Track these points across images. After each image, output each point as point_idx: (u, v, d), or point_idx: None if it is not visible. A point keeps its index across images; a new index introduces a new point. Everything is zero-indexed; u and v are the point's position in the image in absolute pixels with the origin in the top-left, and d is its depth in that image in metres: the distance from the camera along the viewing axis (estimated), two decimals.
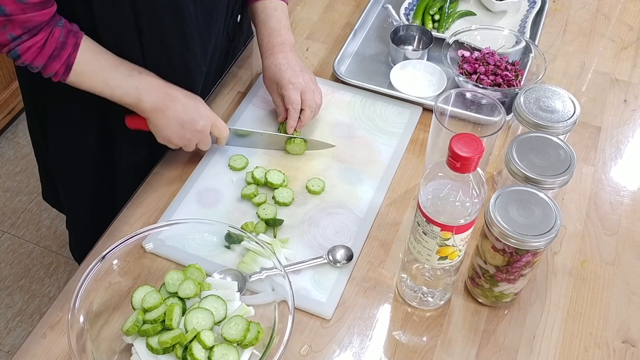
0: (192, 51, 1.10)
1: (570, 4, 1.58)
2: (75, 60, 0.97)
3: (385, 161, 1.18)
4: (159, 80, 1.06)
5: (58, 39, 0.95)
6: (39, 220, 2.20)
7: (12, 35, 0.92)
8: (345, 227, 1.07)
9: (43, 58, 0.95)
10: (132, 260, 0.99)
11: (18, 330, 1.93)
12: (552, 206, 0.88)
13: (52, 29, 0.95)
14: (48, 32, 0.94)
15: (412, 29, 1.41)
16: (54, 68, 0.96)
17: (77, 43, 0.97)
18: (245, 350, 0.88)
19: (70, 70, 0.97)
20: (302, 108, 1.16)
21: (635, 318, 0.99)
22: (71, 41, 0.96)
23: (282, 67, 1.16)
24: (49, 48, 0.95)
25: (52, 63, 0.96)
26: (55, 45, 0.95)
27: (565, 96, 1.05)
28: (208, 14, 1.09)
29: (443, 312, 0.99)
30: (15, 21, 0.90)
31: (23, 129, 2.45)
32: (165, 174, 1.16)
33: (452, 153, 0.77)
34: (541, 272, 1.04)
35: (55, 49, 0.95)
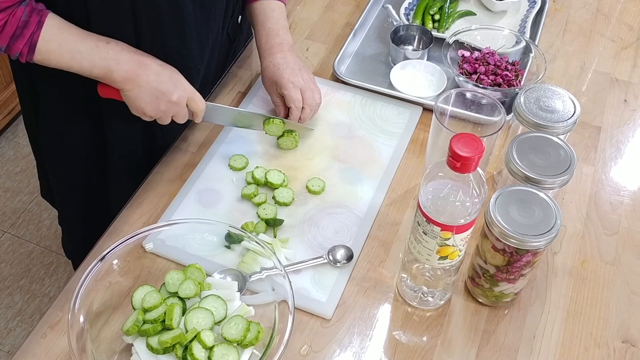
0: (190, 50, 1.10)
1: (570, 4, 1.58)
2: (39, 38, 0.94)
3: (385, 161, 1.18)
4: (130, 49, 1.02)
5: (20, 18, 0.93)
6: (39, 220, 2.20)
7: None
8: (346, 227, 1.07)
9: (5, 38, 0.93)
10: (132, 260, 0.99)
11: (18, 330, 1.93)
12: (552, 206, 0.88)
13: (15, 10, 0.93)
14: (9, 13, 0.92)
15: (412, 28, 1.41)
16: (18, 47, 0.94)
17: (40, 21, 0.94)
18: (245, 350, 0.88)
19: (35, 49, 0.95)
20: (302, 106, 1.16)
21: (635, 318, 0.99)
22: (34, 19, 0.94)
23: (281, 67, 1.16)
24: (10, 28, 0.92)
25: (14, 43, 0.94)
26: (17, 24, 0.93)
27: (565, 96, 1.05)
28: (207, 14, 1.09)
29: (443, 312, 0.99)
30: None
31: (23, 129, 2.45)
32: (165, 174, 1.16)
33: (452, 153, 0.77)
34: (541, 272, 1.04)
35: (17, 29, 0.93)
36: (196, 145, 1.21)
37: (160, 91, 1.03)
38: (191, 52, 1.10)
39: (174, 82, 1.05)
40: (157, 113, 1.06)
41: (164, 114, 1.06)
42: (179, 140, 1.21)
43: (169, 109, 1.06)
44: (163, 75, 1.04)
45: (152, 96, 1.03)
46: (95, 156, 1.23)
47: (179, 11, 1.03)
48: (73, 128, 1.18)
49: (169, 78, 1.04)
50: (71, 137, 1.19)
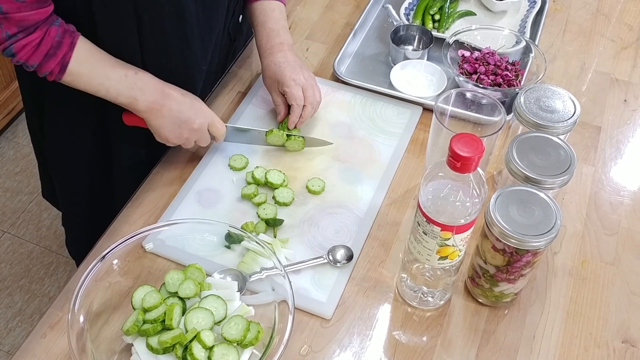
0: (192, 50, 1.10)
1: (570, 4, 1.58)
2: (71, 60, 0.97)
3: (385, 161, 1.18)
4: (155, 80, 1.06)
5: (54, 37, 0.95)
6: (39, 220, 2.20)
7: (8, 34, 0.92)
8: (345, 227, 1.07)
9: (38, 57, 0.95)
10: (132, 260, 0.99)
11: (18, 330, 1.93)
12: (552, 206, 0.88)
13: (48, 28, 0.95)
14: (44, 31, 0.94)
15: (412, 28, 1.41)
16: (49, 67, 0.96)
17: (73, 42, 0.97)
18: (245, 350, 0.88)
19: (66, 69, 0.97)
20: (303, 104, 1.16)
21: (635, 318, 0.99)
22: (67, 40, 0.96)
23: (282, 65, 1.16)
24: (44, 47, 0.95)
25: (47, 62, 0.96)
26: (51, 44, 0.95)
27: (565, 96, 1.05)
28: (209, 14, 1.09)
29: (443, 312, 0.99)
30: (11, 19, 0.90)
31: (23, 129, 2.45)
32: (165, 174, 1.16)
33: (453, 153, 0.77)
34: (541, 272, 1.04)
35: (51, 48, 0.95)
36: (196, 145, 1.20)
37: (182, 120, 1.07)
38: (194, 51, 1.11)
39: (195, 110, 1.08)
40: (180, 140, 1.09)
41: (187, 140, 1.10)
42: None
43: (191, 136, 1.09)
44: (184, 104, 1.07)
45: (174, 125, 1.07)
46: (100, 158, 1.23)
47: (182, 11, 1.03)
48: (78, 131, 1.19)
49: (190, 106, 1.08)
50: (76, 140, 1.20)
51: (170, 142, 1.10)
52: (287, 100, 1.17)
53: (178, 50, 1.08)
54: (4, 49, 0.93)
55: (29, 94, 1.23)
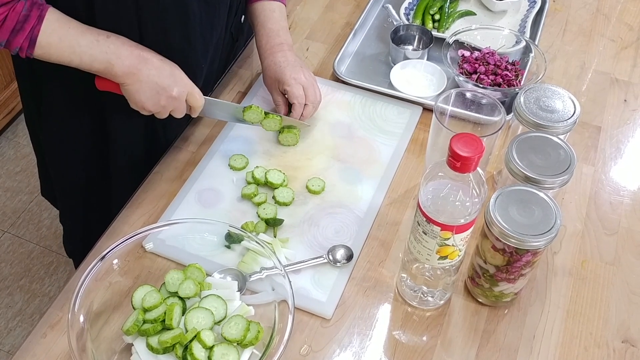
0: (194, 48, 1.10)
1: (570, 4, 1.58)
2: (39, 33, 0.94)
3: (385, 161, 1.18)
4: (130, 43, 1.02)
5: (20, 12, 0.92)
6: (39, 220, 2.20)
7: None
8: (345, 227, 1.07)
9: (5, 33, 0.93)
10: (132, 260, 0.99)
11: (18, 330, 1.93)
12: (552, 206, 0.88)
13: (14, 4, 0.92)
14: (9, 7, 0.92)
15: (412, 28, 1.41)
16: (18, 42, 0.94)
17: (41, 15, 0.94)
18: (245, 350, 0.88)
19: (35, 43, 0.95)
20: (305, 103, 1.16)
21: (635, 318, 0.99)
22: (35, 13, 0.94)
23: (283, 65, 1.17)
24: (10, 22, 0.92)
25: (15, 37, 0.93)
26: (17, 18, 0.92)
27: (565, 96, 1.05)
28: (212, 12, 1.10)
29: (443, 311, 0.99)
30: None
31: (23, 128, 2.45)
32: (165, 173, 1.16)
33: (452, 153, 0.77)
34: (541, 272, 1.04)
35: (18, 23, 0.93)
36: (196, 145, 1.21)
37: (161, 86, 1.03)
38: (195, 50, 1.10)
39: (175, 78, 1.05)
40: (157, 108, 1.06)
41: (163, 109, 1.06)
42: (179, 140, 1.21)
43: (169, 104, 1.06)
44: (164, 70, 1.04)
45: (152, 91, 1.03)
46: (97, 154, 1.23)
47: (184, 9, 1.03)
48: (75, 125, 1.18)
49: (169, 73, 1.04)
50: (73, 134, 1.20)
51: (145, 109, 1.06)
52: (289, 99, 1.17)
53: (179, 49, 1.08)
54: None
55: (27, 87, 1.22)
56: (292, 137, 1.18)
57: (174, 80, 1.05)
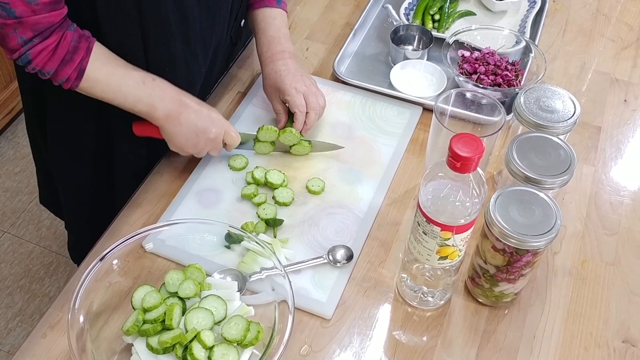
0: (195, 53, 1.10)
1: (570, 4, 1.58)
2: (87, 65, 0.95)
3: (385, 161, 1.18)
4: (173, 88, 1.05)
5: (70, 42, 0.93)
6: (39, 220, 2.20)
7: (23, 39, 0.89)
8: (345, 227, 1.07)
9: (55, 62, 0.93)
10: (132, 260, 0.99)
11: (18, 330, 1.93)
12: (552, 206, 0.88)
13: (64, 32, 0.93)
14: (60, 35, 0.92)
15: (412, 28, 1.41)
16: (66, 73, 0.94)
17: (89, 47, 0.95)
18: (245, 350, 0.88)
19: (83, 75, 0.95)
20: (306, 111, 1.16)
21: (635, 318, 0.99)
22: (84, 45, 0.95)
23: (283, 74, 1.16)
24: (61, 51, 0.93)
25: (64, 68, 0.94)
26: (68, 48, 0.93)
27: (565, 96, 1.05)
28: (212, 17, 1.09)
29: (443, 312, 0.99)
30: (25, 23, 0.88)
31: (23, 129, 2.45)
32: (165, 174, 1.16)
33: (452, 153, 0.77)
34: (541, 272, 1.04)
35: (68, 53, 0.93)
36: None
37: (200, 129, 1.06)
38: (196, 55, 1.10)
39: (212, 120, 1.07)
40: (196, 149, 1.09)
41: (201, 150, 1.09)
42: None
43: (207, 145, 1.09)
44: (202, 113, 1.06)
45: (191, 134, 1.06)
46: (102, 162, 1.23)
47: (185, 16, 1.03)
48: (79, 131, 1.18)
49: (207, 116, 1.07)
50: (78, 145, 1.19)
51: (184, 151, 1.09)
52: (290, 108, 1.16)
53: (181, 54, 1.07)
54: (19, 55, 0.91)
55: (30, 101, 1.22)
56: (304, 149, 1.17)
57: (212, 122, 1.07)
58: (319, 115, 1.18)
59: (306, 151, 1.17)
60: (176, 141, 1.07)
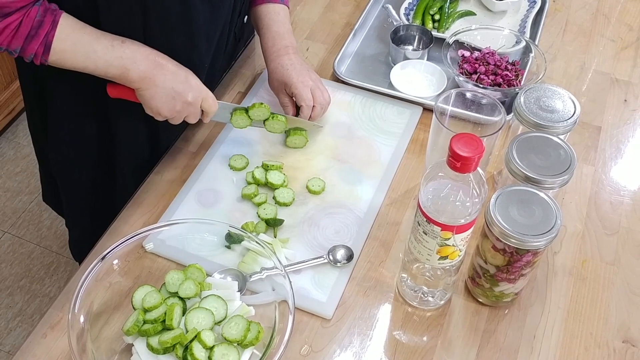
0: (198, 47, 1.10)
1: (570, 4, 1.58)
2: (54, 38, 0.93)
3: (385, 161, 1.18)
4: (145, 48, 1.02)
5: (34, 17, 0.92)
6: (40, 221, 2.20)
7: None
8: (346, 227, 1.07)
9: (20, 39, 0.92)
10: (132, 260, 0.99)
11: (18, 330, 1.93)
12: (553, 206, 0.88)
13: (28, 10, 0.91)
14: (23, 13, 0.91)
15: (412, 28, 1.41)
16: (33, 49, 0.93)
17: (55, 20, 0.94)
18: (246, 350, 0.88)
19: (50, 49, 0.94)
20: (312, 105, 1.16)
21: (635, 318, 0.99)
22: (49, 19, 0.93)
23: (289, 68, 1.17)
24: (24, 28, 0.91)
25: (29, 44, 0.93)
26: (32, 24, 0.92)
27: (565, 96, 1.05)
28: (215, 12, 1.10)
29: (443, 312, 0.99)
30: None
31: (23, 129, 2.45)
32: (165, 174, 1.16)
33: (453, 153, 0.77)
34: (541, 272, 1.04)
35: (32, 29, 0.92)
36: (196, 145, 1.21)
37: (177, 91, 1.04)
38: (199, 49, 1.11)
39: (190, 83, 1.05)
40: (172, 113, 1.06)
41: (178, 114, 1.07)
42: (179, 140, 1.21)
43: (184, 109, 1.06)
44: (179, 75, 1.04)
45: (168, 96, 1.04)
46: (103, 158, 1.23)
47: (188, 9, 1.03)
48: (81, 130, 1.18)
49: (184, 79, 1.05)
50: (79, 139, 1.19)
51: (161, 115, 1.06)
52: (297, 102, 1.17)
53: (184, 48, 1.07)
54: None
55: (32, 98, 1.22)
56: (300, 140, 1.17)
57: (189, 85, 1.05)
58: (324, 110, 1.19)
59: (282, 128, 1.16)
60: (151, 104, 1.04)
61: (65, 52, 0.96)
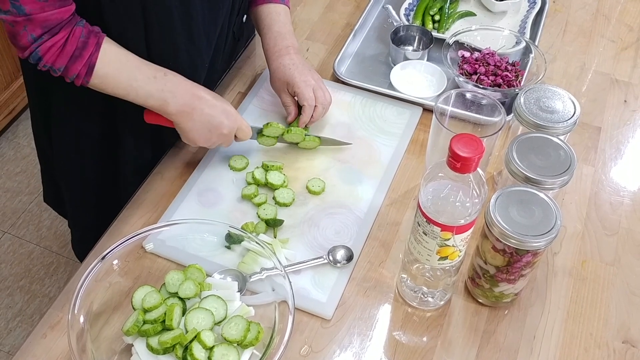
0: (198, 46, 1.10)
1: (570, 4, 1.58)
2: (97, 60, 0.95)
3: (385, 161, 1.18)
4: (185, 81, 1.05)
5: (79, 38, 0.94)
6: (39, 221, 2.20)
7: (33, 36, 0.90)
8: (346, 227, 1.07)
9: (64, 58, 0.94)
10: (132, 261, 0.99)
11: (18, 331, 1.93)
12: (552, 206, 0.88)
13: (72, 28, 0.93)
14: (69, 31, 0.93)
15: (412, 29, 1.41)
16: (76, 69, 0.95)
17: (99, 43, 0.96)
18: (246, 351, 0.88)
19: (93, 71, 0.96)
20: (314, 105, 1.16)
21: (635, 318, 0.99)
22: (92, 41, 0.95)
23: (292, 68, 1.17)
24: (70, 47, 0.93)
25: (73, 64, 0.94)
26: (77, 44, 0.94)
27: (565, 96, 1.05)
28: (215, 11, 1.10)
29: (443, 312, 0.99)
30: (34, 20, 0.89)
31: (23, 129, 2.45)
32: (165, 174, 1.16)
33: (453, 153, 0.77)
34: (541, 272, 1.04)
35: (77, 49, 0.94)
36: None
37: (213, 125, 1.06)
38: (199, 48, 1.11)
39: (226, 114, 1.08)
40: (208, 143, 1.09)
41: (213, 144, 1.10)
42: (180, 141, 1.21)
43: (219, 140, 1.09)
44: (216, 108, 1.06)
45: (204, 129, 1.06)
46: (106, 158, 1.23)
47: (188, 8, 1.03)
48: (85, 132, 1.18)
49: (221, 111, 1.07)
50: (83, 141, 1.19)
51: (197, 145, 1.09)
52: (299, 101, 1.17)
53: (184, 48, 1.08)
54: (30, 53, 0.92)
55: (36, 99, 1.22)
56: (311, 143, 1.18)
57: (226, 117, 1.07)
58: (325, 109, 1.19)
59: (315, 145, 1.18)
60: (189, 135, 1.07)
61: (108, 77, 0.98)
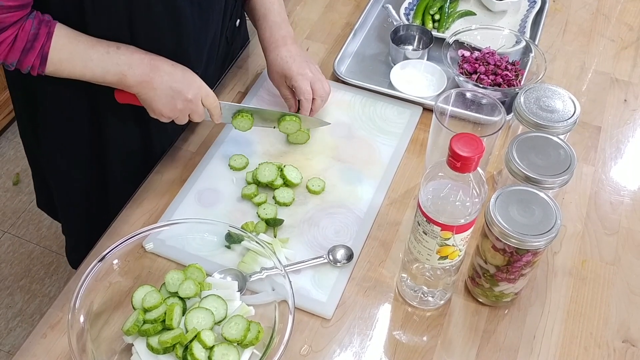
0: (187, 53, 1.09)
1: (570, 4, 1.58)
2: (49, 49, 0.94)
3: (385, 161, 1.18)
4: (140, 52, 1.02)
5: (29, 31, 0.92)
6: (39, 221, 2.20)
7: None
8: (346, 227, 1.07)
9: (16, 53, 0.93)
10: (132, 260, 0.99)
11: (18, 330, 1.93)
12: (553, 206, 0.88)
13: (22, 24, 0.92)
14: (18, 27, 0.92)
15: (412, 28, 1.41)
16: (29, 61, 0.94)
17: (50, 32, 0.94)
18: (246, 350, 0.88)
19: (47, 60, 0.95)
20: (312, 97, 1.16)
21: (635, 318, 0.99)
22: (44, 31, 0.94)
23: (289, 60, 1.16)
24: (20, 42, 0.92)
25: (26, 57, 0.93)
26: (27, 37, 0.92)
27: (565, 96, 1.05)
28: (205, 17, 1.09)
29: (443, 311, 0.99)
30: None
31: None
32: (165, 174, 1.16)
33: (453, 153, 0.77)
34: (541, 272, 1.04)
35: (28, 42, 0.92)
36: (196, 145, 1.21)
37: (175, 90, 1.04)
38: (188, 54, 1.10)
39: (188, 81, 1.05)
40: (174, 113, 1.06)
41: (180, 114, 1.07)
42: (179, 140, 1.21)
43: (185, 108, 1.06)
44: (176, 74, 1.04)
45: (167, 97, 1.04)
46: (95, 162, 1.22)
47: (176, 14, 1.02)
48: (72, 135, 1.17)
49: (182, 77, 1.05)
50: (71, 143, 1.19)
51: (164, 116, 1.06)
52: (297, 95, 1.17)
53: (172, 54, 1.06)
54: None
55: (21, 103, 1.21)
56: (302, 136, 1.17)
57: (188, 83, 1.05)
58: (324, 101, 1.19)
59: (295, 128, 1.15)
60: (153, 106, 1.04)
61: (62, 62, 0.96)
